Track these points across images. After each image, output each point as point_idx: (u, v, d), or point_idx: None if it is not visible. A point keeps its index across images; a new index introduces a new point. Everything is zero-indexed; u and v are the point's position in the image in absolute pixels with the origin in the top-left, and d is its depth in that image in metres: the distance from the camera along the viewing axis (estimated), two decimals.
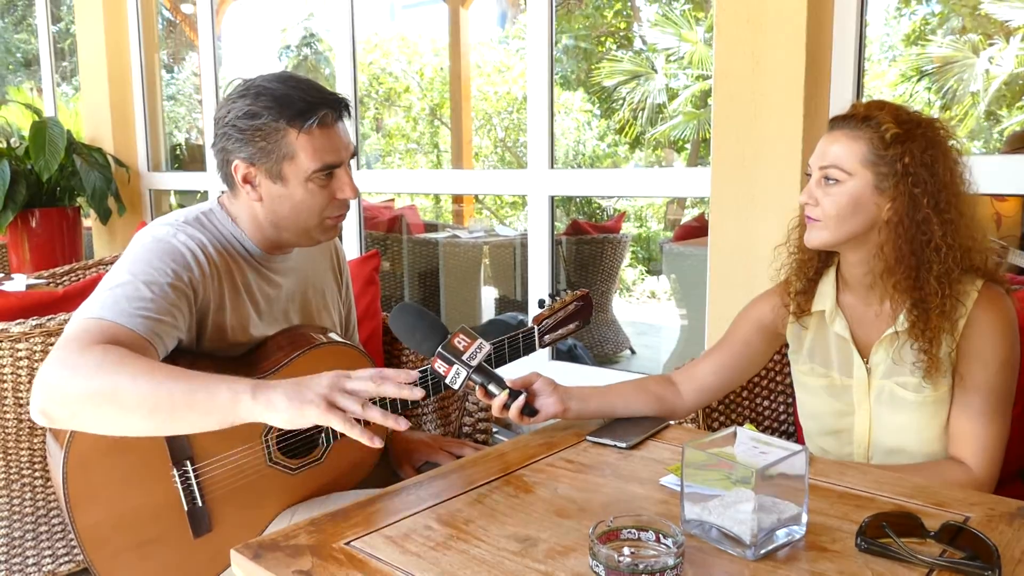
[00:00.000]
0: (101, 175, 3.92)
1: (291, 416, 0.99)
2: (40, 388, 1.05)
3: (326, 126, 1.26)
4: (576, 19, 6.93)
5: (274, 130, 1.24)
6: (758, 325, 1.42)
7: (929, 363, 1.20)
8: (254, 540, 0.94)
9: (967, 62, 5.06)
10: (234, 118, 1.25)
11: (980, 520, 0.97)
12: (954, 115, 5.19)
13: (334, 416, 0.98)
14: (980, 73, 5.00)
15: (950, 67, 5.15)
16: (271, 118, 1.23)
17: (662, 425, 1.32)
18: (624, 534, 0.90)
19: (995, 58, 4.96)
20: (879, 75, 5.69)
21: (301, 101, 1.24)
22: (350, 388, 1.00)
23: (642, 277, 6.46)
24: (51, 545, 2.16)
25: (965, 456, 1.22)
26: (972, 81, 5.06)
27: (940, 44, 5.26)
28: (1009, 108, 5.12)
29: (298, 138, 1.24)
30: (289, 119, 1.23)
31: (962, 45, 5.10)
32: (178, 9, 5.32)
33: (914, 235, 1.19)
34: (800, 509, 0.94)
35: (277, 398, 0.99)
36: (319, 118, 1.24)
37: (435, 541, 0.93)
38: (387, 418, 1.00)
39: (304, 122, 1.23)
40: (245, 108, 1.24)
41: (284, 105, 1.23)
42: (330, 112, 1.26)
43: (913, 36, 5.44)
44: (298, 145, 1.24)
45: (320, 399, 0.98)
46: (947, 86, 5.24)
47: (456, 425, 1.72)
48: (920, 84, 5.42)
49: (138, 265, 1.18)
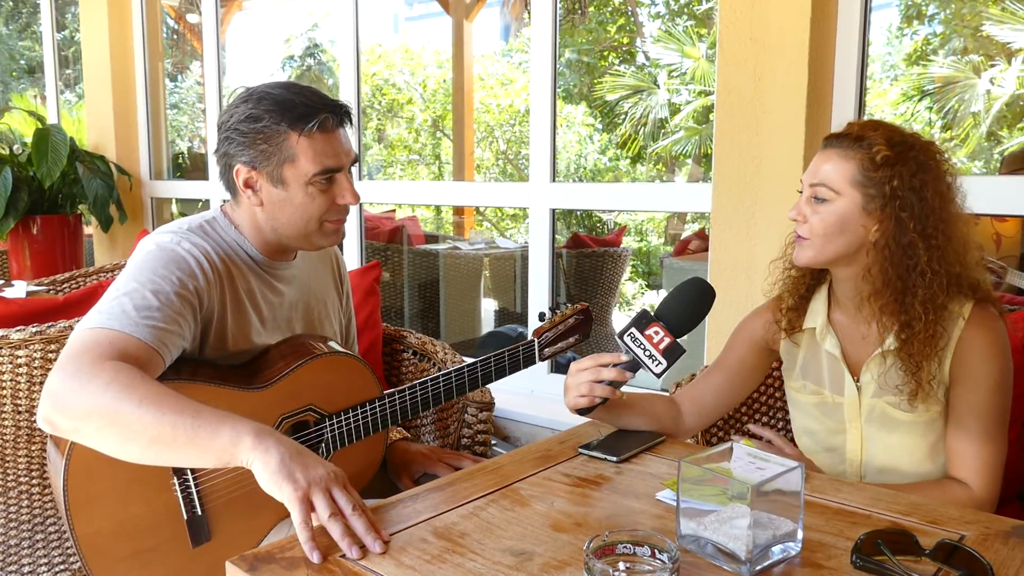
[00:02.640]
0: (103, 183, 3.94)
1: (271, 479, 0.97)
2: (48, 397, 1.05)
3: (326, 131, 1.27)
4: (580, 33, 6.98)
5: (275, 133, 1.25)
6: (751, 343, 1.43)
7: (915, 387, 1.21)
8: (250, 552, 0.94)
9: (968, 83, 5.09)
10: (236, 122, 1.26)
11: (976, 539, 0.97)
12: (955, 135, 5.22)
13: (299, 508, 0.94)
14: (981, 94, 5.03)
15: (951, 87, 5.18)
16: (272, 121, 1.25)
17: (658, 440, 1.32)
18: (619, 549, 0.90)
19: (997, 79, 4.99)
20: (881, 94, 5.72)
21: (302, 105, 1.25)
22: (334, 494, 0.97)
23: (642, 291, 6.47)
24: (47, 553, 2.15)
25: (965, 476, 1.22)
26: (973, 102, 5.09)
27: (941, 64, 5.30)
28: (1010, 129, 5.14)
29: (299, 141, 1.25)
30: (290, 122, 1.25)
31: (964, 66, 5.13)
32: (183, 18, 5.35)
33: (900, 259, 1.19)
34: (796, 525, 0.94)
35: (273, 454, 0.98)
36: (319, 122, 1.25)
37: (431, 554, 0.93)
38: (343, 540, 0.93)
39: (305, 125, 1.24)
40: (247, 112, 1.26)
41: (286, 109, 1.25)
42: (331, 116, 1.27)
43: (915, 56, 5.47)
44: (299, 148, 1.26)
45: (304, 486, 0.96)
46: (948, 106, 5.27)
47: (455, 437, 1.72)
48: (922, 104, 5.45)
49: (144, 273, 1.19)
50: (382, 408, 1.38)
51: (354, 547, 0.92)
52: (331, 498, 0.96)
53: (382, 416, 1.38)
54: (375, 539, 0.93)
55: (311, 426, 1.35)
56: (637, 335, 1.20)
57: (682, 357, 1.20)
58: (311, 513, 0.94)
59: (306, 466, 0.97)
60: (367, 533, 0.93)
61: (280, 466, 0.96)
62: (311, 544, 0.92)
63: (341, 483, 0.98)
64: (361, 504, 0.97)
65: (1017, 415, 1.50)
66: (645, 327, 1.20)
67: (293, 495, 0.94)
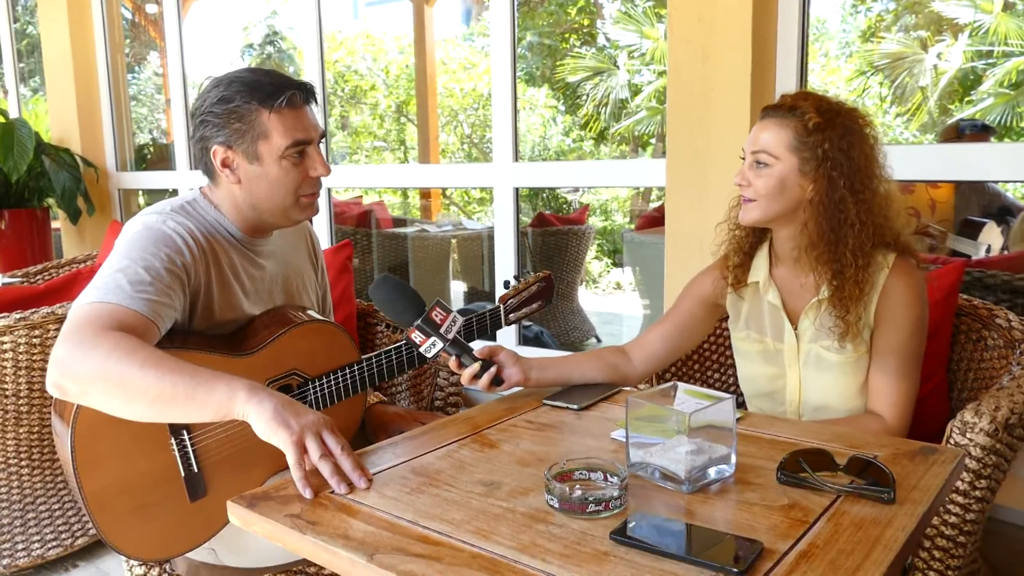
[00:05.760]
0: (70, 175, 3.96)
1: (266, 428, 1.07)
2: (55, 364, 1.15)
3: (294, 106, 1.38)
4: (540, 16, 7.06)
5: (247, 111, 1.35)
6: (700, 298, 1.56)
7: (844, 328, 1.35)
8: (248, 492, 1.05)
9: (916, 58, 5.28)
10: (210, 105, 1.37)
11: (887, 458, 1.11)
12: (907, 109, 5.42)
13: (294, 451, 1.04)
14: (928, 68, 5.22)
15: (900, 63, 5.37)
16: (243, 100, 1.35)
17: (614, 390, 1.45)
18: (576, 475, 1.03)
19: (944, 54, 5.18)
20: (835, 70, 5.90)
21: (270, 84, 1.36)
22: (324, 437, 1.07)
23: (608, 269, 6.62)
24: (39, 531, 2.24)
25: (881, 409, 1.37)
26: (921, 76, 5.29)
27: (891, 40, 5.48)
28: (960, 102, 5.34)
29: (270, 118, 1.36)
30: (260, 100, 1.35)
31: (912, 41, 5.32)
32: (140, 9, 5.33)
33: (833, 213, 1.34)
34: (729, 450, 1.07)
35: (267, 405, 1.08)
36: (287, 98, 1.36)
37: (410, 487, 1.05)
38: (332, 478, 1.03)
39: (274, 102, 1.35)
40: (219, 95, 1.36)
41: (255, 88, 1.36)
42: (297, 93, 1.38)
43: (868, 33, 5.65)
44: (270, 124, 1.36)
45: (298, 431, 1.06)
46: (897, 81, 5.45)
47: (428, 399, 1.84)
48: (874, 79, 5.64)
49: (134, 251, 1.28)
50: (360, 371, 1.49)
51: (343, 484, 1.04)
52: (321, 441, 1.06)
53: (361, 378, 1.49)
54: (360, 476, 1.05)
55: (295, 389, 1.45)
56: (424, 327, 1.30)
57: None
58: (304, 456, 1.05)
59: (297, 413, 1.08)
60: (353, 471, 1.05)
61: (274, 414, 1.06)
62: (304, 482, 1.03)
63: (330, 427, 1.09)
64: (348, 446, 1.08)
65: (936, 366, 1.66)
66: (427, 327, 1.31)
67: (288, 439, 1.05)
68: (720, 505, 0.99)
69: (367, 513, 0.98)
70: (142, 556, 1.33)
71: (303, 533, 0.93)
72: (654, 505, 1.00)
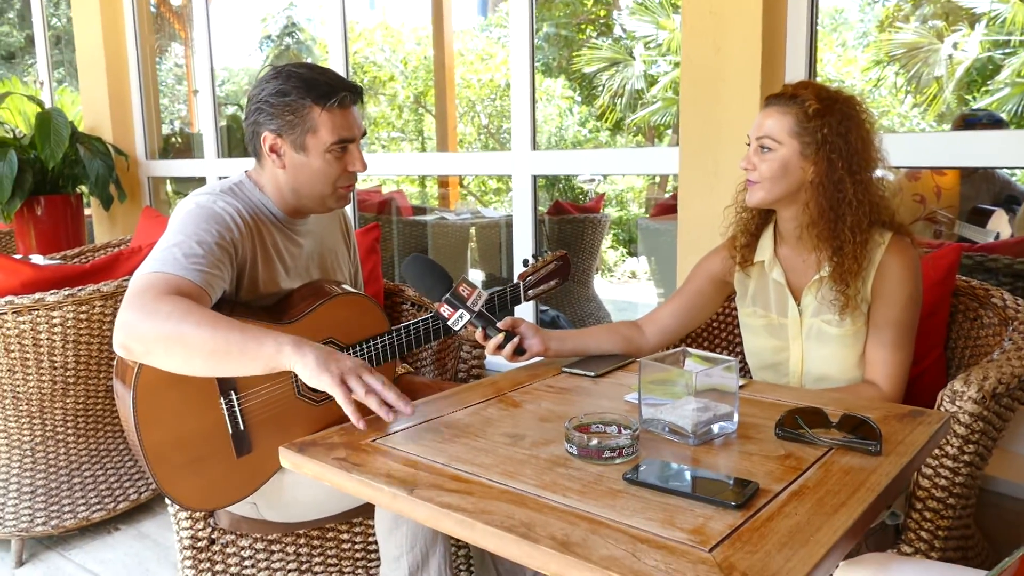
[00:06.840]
0: (103, 163, 4.10)
1: (312, 374, 1.18)
2: (121, 327, 1.27)
3: (344, 107, 1.49)
4: (557, 7, 7.13)
5: (301, 106, 1.47)
6: (709, 276, 1.67)
7: (844, 301, 1.45)
8: (298, 440, 1.17)
9: (932, 48, 5.30)
10: (267, 96, 1.48)
11: (878, 419, 1.21)
12: (924, 99, 5.45)
13: (340, 390, 1.15)
14: (944, 59, 5.25)
15: (916, 52, 5.40)
16: (299, 96, 1.46)
17: (628, 360, 1.56)
18: (593, 428, 1.14)
19: (960, 44, 5.21)
20: (851, 60, 5.93)
21: (325, 84, 1.47)
22: (364, 378, 1.18)
23: (623, 258, 6.71)
24: (85, 495, 2.38)
25: (877, 379, 1.47)
26: (937, 66, 5.32)
27: (907, 31, 5.51)
28: (978, 93, 5.37)
29: (321, 114, 1.47)
30: (315, 98, 1.46)
31: (927, 31, 5.35)
32: (164, 2, 5.46)
33: (832, 193, 1.43)
34: (732, 408, 1.18)
35: (310, 355, 1.19)
36: (339, 99, 1.47)
37: (442, 437, 1.17)
38: (380, 409, 1.15)
39: (327, 101, 1.46)
40: (277, 87, 1.47)
41: (311, 86, 1.47)
42: (349, 95, 1.49)
43: (887, 22, 5.68)
44: (320, 121, 1.47)
45: (339, 373, 1.17)
46: (913, 71, 5.48)
47: (452, 371, 1.96)
48: (890, 69, 5.67)
49: (188, 227, 1.41)
50: (391, 340, 1.60)
51: (391, 413, 1.16)
52: (363, 381, 1.18)
53: (391, 347, 1.60)
54: (405, 404, 1.17)
55: None
56: (453, 300, 1.42)
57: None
58: (350, 394, 1.16)
59: (338, 360, 1.20)
60: (398, 400, 1.16)
61: (318, 362, 1.18)
62: (357, 415, 1.16)
63: (368, 369, 1.20)
64: (388, 381, 1.19)
65: (935, 342, 1.76)
66: (456, 300, 1.42)
67: (332, 381, 1.16)
68: (722, 455, 1.10)
69: (404, 457, 1.10)
70: (193, 505, 1.45)
71: (349, 472, 1.05)
72: (663, 455, 1.10)
